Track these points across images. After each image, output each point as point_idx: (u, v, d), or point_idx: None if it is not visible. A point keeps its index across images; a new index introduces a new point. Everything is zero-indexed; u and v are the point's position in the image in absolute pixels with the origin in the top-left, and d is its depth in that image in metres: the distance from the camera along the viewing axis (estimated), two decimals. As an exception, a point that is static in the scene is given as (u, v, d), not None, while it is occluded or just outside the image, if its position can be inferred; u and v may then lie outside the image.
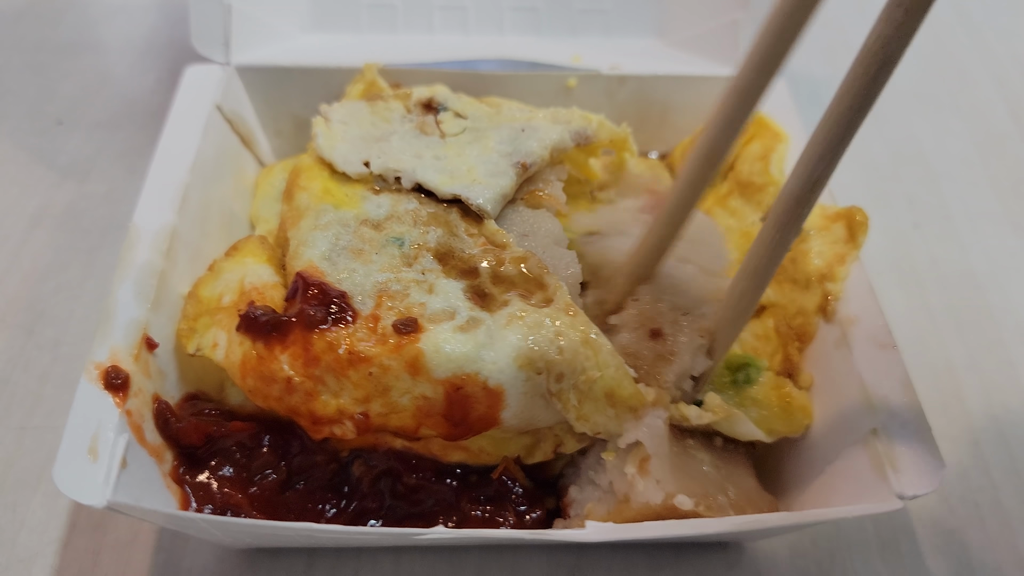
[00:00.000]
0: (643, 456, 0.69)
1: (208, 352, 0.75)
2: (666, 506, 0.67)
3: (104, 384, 0.68)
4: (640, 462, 0.69)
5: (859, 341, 0.77)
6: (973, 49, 1.45)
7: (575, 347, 0.69)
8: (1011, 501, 0.87)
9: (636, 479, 0.68)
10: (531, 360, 0.68)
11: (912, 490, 0.66)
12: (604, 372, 0.69)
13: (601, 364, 0.69)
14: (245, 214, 0.96)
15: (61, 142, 1.20)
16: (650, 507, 0.67)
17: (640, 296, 0.79)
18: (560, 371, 0.69)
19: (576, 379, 0.69)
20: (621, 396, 0.70)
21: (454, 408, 0.69)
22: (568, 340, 0.69)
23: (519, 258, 0.75)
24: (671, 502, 0.67)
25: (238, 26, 1.01)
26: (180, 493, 0.72)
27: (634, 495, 0.68)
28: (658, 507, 0.67)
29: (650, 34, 1.13)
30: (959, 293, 1.08)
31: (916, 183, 1.23)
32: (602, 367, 0.69)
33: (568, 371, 0.69)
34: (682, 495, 0.67)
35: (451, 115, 0.91)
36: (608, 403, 0.70)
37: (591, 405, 0.70)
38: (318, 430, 0.71)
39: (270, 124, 1.07)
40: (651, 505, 0.67)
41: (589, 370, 0.69)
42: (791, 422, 0.78)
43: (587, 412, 0.71)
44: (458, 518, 0.75)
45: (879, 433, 0.70)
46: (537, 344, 0.68)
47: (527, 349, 0.68)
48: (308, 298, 0.71)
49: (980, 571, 0.82)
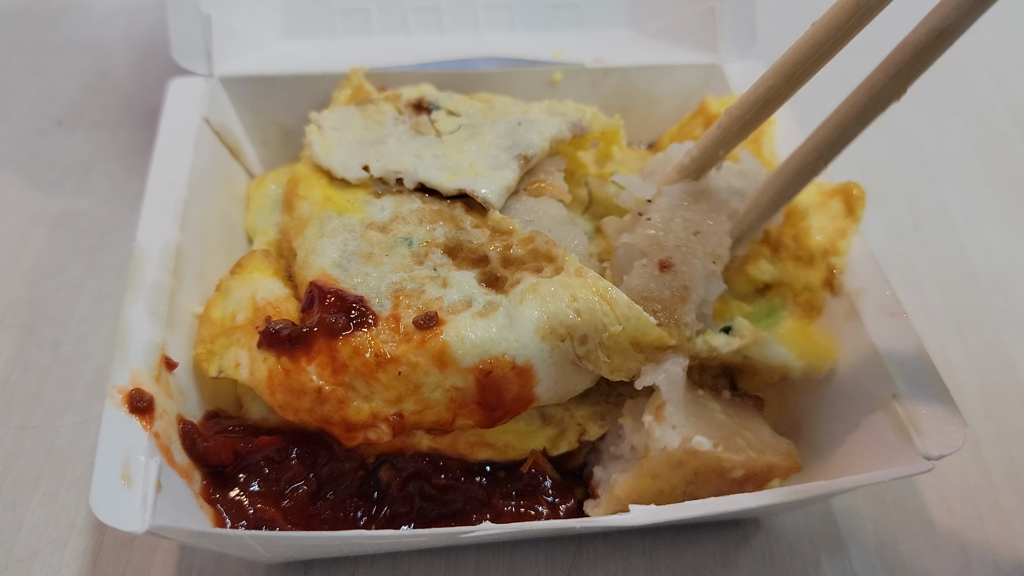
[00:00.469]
0: (658, 403, 0.70)
1: (231, 372, 0.75)
2: (685, 450, 0.67)
3: (129, 408, 0.68)
4: (656, 409, 0.70)
5: (869, 311, 0.79)
6: (973, 49, 1.45)
7: (592, 306, 0.69)
8: (1010, 502, 0.87)
9: (653, 426, 0.69)
10: (552, 329, 0.69)
11: (938, 450, 0.68)
12: (625, 325, 0.70)
13: (620, 318, 0.70)
14: (241, 226, 0.96)
15: (61, 142, 1.20)
16: (669, 453, 0.68)
17: (655, 210, 0.78)
18: (583, 333, 0.69)
19: (600, 337, 0.70)
20: (647, 342, 0.71)
21: (487, 393, 0.69)
22: (583, 301, 0.69)
23: (526, 239, 0.76)
24: (689, 445, 0.67)
25: (217, 36, 1.01)
26: (212, 512, 0.72)
27: (652, 443, 0.69)
28: (677, 452, 0.67)
29: (624, 25, 1.14)
30: (959, 293, 1.08)
31: (916, 183, 1.23)
32: (622, 320, 0.70)
33: (590, 331, 0.69)
34: (700, 436, 0.68)
35: (444, 113, 0.91)
36: (636, 350, 0.71)
37: (620, 356, 0.71)
38: (352, 437, 0.71)
39: (256, 134, 1.07)
40: (670, 451, 0.68)
41: (610, 326, 0.69)
42: (818, 357, 0.80)
43: (618, 363, 0.71)
44: (491, 515, 0.75)
45: (899, 398, 0.72)
46: (555, 312, 0.69)
47: (547, 320, 0.68)
48: (326, 306, 0.71)
49: (980, 571, 0.82)
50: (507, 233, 0.78)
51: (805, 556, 0.82)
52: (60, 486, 0.84)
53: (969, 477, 0.89)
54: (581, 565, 0.81)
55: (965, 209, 1.19)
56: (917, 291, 1.08)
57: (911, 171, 1.25)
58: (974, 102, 1.36)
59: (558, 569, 0.81)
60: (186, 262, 0.82)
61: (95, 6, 1.43)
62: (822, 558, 0.82)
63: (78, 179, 1.15)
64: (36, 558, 0.79)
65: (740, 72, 1.06)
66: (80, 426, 0.89)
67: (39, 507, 0.83)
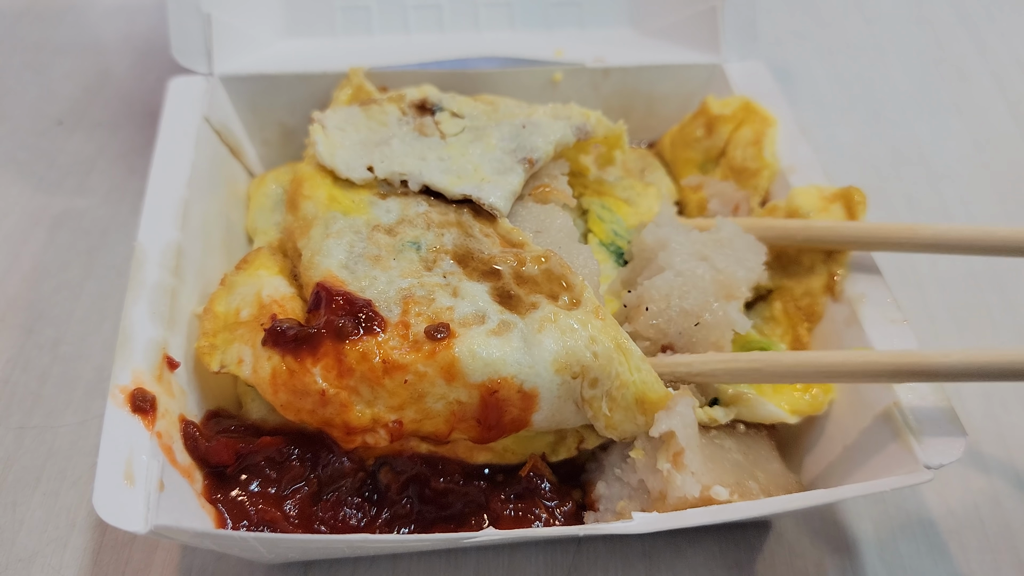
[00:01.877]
0: (676, 450, 0.69)
1: (233, 368, 0.74)
2: (703, 498, 0.68)
3: (132, 408, 0.67)
4: (674, 456, 0.69)
5: (869, 318, 0.79)
6: (973, 49, 1.45)
7: (609, 352, 0.69)
8: (1010, 502, 0.87)
9: (672, 474, 0.69)
10: (568, 365, 0.69)
11: (938, 459, 0.68)
12: (636, 376, 0.70)
13: (633, 368, 0.70)
14: (241, 226, 0.96)
15: (61, 142, 1.20)
16: (687, 501, 0.68)
17: (650, 301, 0.79)
18: (595, 376, 0.69)
19: (610, 384, 0.70)
20: (652, 400, 0.71)
21: (488, 412, 0.69)
22: (602, 346, 0.69)
23: (539, 257, 0.76)
24: (707, 494, 0.68)
25: (217, 35, 1.01)
26: (214, 512, 0.72)
27: (671, 490, 0.68)
28: (695, 500, 0.68)
29: (625, 24, 1.14)
30: (959, 293, 1.08)
31: (916, 183, 1.23)
32: (634, 371, 0.70)
33: (603, 376, 0.69)
34: (718, 486, 0.68)
35: (448, 115, 0.91)
36: (639, 410, 0.71)
37: (621, 413, 0.71)
38: (351, 440, 0.71)
39: (257, 133, 1.06)
40: (688, 499, 0.68)
41: (622, 375, 0.70)
42: (813, 400, 0.79)
43: (617, 421, 0.71)
44: (490, 518, 0.75)
45: (899, 406, 0.72)
46: (573, 349, 0.69)
47: (564, 354, 0.68)
48: (334, 309, 0.71)
49: (980, 571, 0.82)
50: (518, 246, 0.78)
51: (806, 556, 0.82)
52: (60, 486, 0.84)
53: (969, 477, 0.89)
54: (581, 566, 0.81)
55: (965, 209, 1.19)
56: (917, 291, 1.08)
57: (911, 171, 1.25)
58: (974, 102, 1.36)
59: (558, 570, 0.81)
60: (187, 261, 0.81)
61: (95, 6, 1.43)
62: (822, 558, 0.82)
63: (78, 179, 1.15)
64: (36, 558, 0.79)
65: (741, 72, 1.06)
66: (80, 426, 0.89)
67: (39, 507, 0.82)
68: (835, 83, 1.38)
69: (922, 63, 1.42)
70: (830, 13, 1.51)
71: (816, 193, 0.88)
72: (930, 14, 1.52)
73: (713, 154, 1.01)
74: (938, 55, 1.44)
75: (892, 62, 1.42)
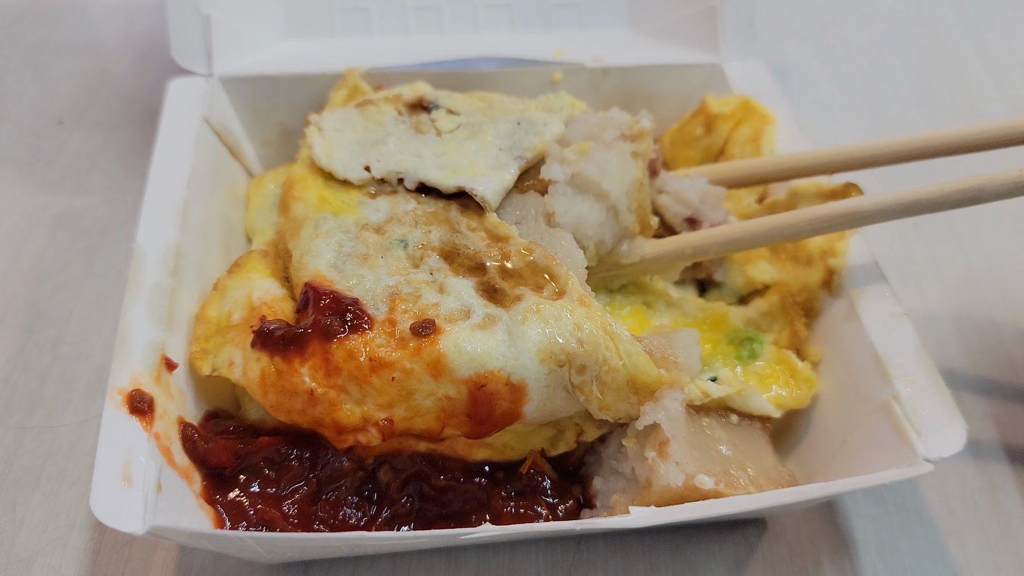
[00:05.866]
0: (662, 439, 0.70)
1: (224, 371, 0.75)
2: (688, 487, 0.68)
3: (130, 409, 0.67)
4: (659, 445, 0.70)
5: (868, 312, 0.79)
6: (973, 49, 1.45)
7: (595, 338, 0.70)
8: (1010, 501, 0.87)
9: (656, 463, 0.69)
10: (553, 354, 0.69)
11: (938, 452, 0.68)
12: (626, 360, 0.70)
13: (622, 353, 0.70)
14: (240, 226, 0.96)
15: (61, 142, 1.20)
16: (671, 489, 0.68)
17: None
18: (582, 363, 0.69)
19: (599, 370, 0.70)
20: (644, 382, 0.71)
21: (478, 406, 0.70)
22: (588, 332, 0.69)
23: (524, 250, 0.76)
24: (692, 483, 0.68)
25: (217, 36, 1.01)
26: (213, 513, 0.72)
27: (655, 479, 0.69)
28: (680, 489, 0.68)
29: (624, 25, 1.15)
30: (959, 293, 1.08)
31: (916, 182, 1.23)
32: (623, 356, 0.70)
33: (590, 362, 0.69)
34: (702, 474, 0.68)
35: (444, 112, 0.91)
36: (631, 390, 0.71)
37: (613, 394, 0.71)
38: (343, 439, 0.71)
39: (256, 134, 1.06)
40: (672, 487, 0.68)
41: (611, 359, 0.70)
42: (796, 394, 0.80)
43: (609, 401, 0.71)
44: (490, 515, 0.75)
45: (899, 400, 0.72)
46: (558, 338, 0.69)
47: (548, 343, 0.68)
48: (321, 308, 0.71)
49: (980, 571, 0.82)
50: (504, 239, 0.78)
51: (805, 556, 0.82)
52: (60, 486, 0.84)
53: (969, 477, 0.89)
54: (581, 565, 0.81)
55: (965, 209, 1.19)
56: (917, 291, 1.08)
57: (911, 170, 1.25)
58: (974, 102, 1.36)
59: (558, 569, 0.81)
60: (186, 262, 0.81)
61: (95, 6, 1.43)
62: (822, 558, 0.82)
63: (78, 179, 1.15)
64: (36, 558, 0.79)
65: (740, 72, 1.06)
66: (80, 426, 0.89)
67: (39, 507, 0.82)
68: (835, 83, 1.38)
69: (922, 63, 1.42)
70: (830, 13, 1.51)
71: (814, 189, 0.88)
72: (930, 14, 1.52)
73: (712, 152, 1.02)
74: (938, 55, 1.44)
75: (892, 62, 1.42)
